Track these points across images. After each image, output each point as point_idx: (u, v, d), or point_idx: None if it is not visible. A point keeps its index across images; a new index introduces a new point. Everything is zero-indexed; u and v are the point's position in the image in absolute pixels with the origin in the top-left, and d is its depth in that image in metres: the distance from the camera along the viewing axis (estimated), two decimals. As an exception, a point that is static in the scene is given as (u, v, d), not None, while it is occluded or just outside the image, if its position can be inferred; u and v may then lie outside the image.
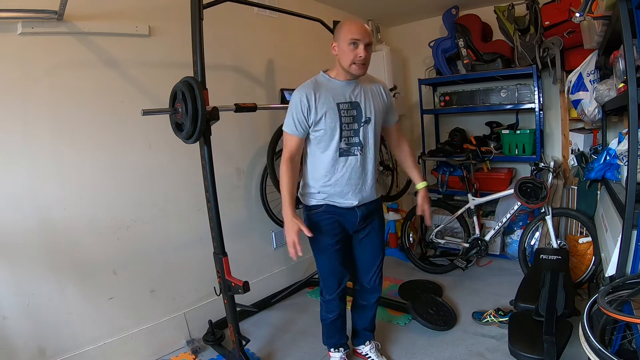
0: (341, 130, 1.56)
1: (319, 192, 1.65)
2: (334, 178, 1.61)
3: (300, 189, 1.71)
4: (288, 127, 1.59)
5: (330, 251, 1.69)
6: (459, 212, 2.89)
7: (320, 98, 1.55)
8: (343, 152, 1.59)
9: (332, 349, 1.90)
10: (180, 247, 2.19)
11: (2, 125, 1.63)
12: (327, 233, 1.66)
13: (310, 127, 1.57)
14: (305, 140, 1.63)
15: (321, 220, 1.66)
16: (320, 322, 1.88)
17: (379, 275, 1.82)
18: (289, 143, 1.60)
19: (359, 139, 1.60)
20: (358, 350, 1.96)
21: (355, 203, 1.63)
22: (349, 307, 1.90)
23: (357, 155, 1.60)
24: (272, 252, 2.75)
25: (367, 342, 1.93)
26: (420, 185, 1.84)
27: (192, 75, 1.64)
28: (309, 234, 1.56)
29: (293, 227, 1.53)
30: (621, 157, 1.97)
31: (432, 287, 2.69)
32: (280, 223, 2.62)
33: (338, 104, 1.56)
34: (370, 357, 1.91)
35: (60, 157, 1.78)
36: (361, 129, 1.59)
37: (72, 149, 1.81)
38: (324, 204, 1.65)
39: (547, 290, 1.89)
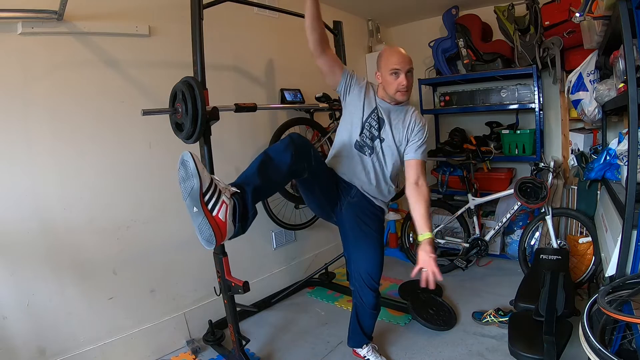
0: (362, 126, 1.72)
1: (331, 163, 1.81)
2: (343, 163, 1.75)
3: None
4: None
5: (323, 168, 1.67)
6: (459, 212, 2.90)
7: (360, 94, 1.74)
8: (357, 145, 1.73)
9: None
10: (180, 247, 2.19)
11: (2, 125, 1.63)
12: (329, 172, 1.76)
13: (344, 89, 1.74)
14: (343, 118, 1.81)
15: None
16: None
17: (365, 280, 1.74)
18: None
19: (374, 144, 1.73)
20: (357, 351, 1.96)
21: (351, 182, 1.74)
22: (344, 306, 1.89)
23: (366, 156, 1.73)
24: (272, 252, 2.75)
25: (364, 345, 1.92)
26: (423, 236, 1.52)
27: (192, 75, 1.64)
28: None
29: None
30: (621, 157, 1.97)
31: (432, 287, 2.69)
32: (280, 223, 2.63)
33: (375, 108, 1.73)
34: (368, 358, 1.91)
35: (60, 157, 1.78)
36: (377, 139, 1.73)
37: (72, 149, 1.81)
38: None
39: (547, 290, 1.89)
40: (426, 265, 1.45)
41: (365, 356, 1.92)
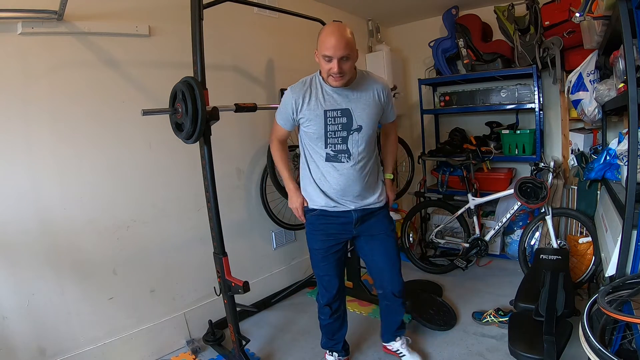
0: (326, 137, 1.57)
1: (313, 197, 1.67)
2: (325, 183, 1.62)
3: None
4: (278, 118, 1.70)
5: (319, 256, 1.72)
6: (459, 212, 2.89)
7: (308, 103, 1.56)
8: (330, 158, 1.59)
9: (327, 351, 1.92)
10: (180, 247, 2.19)
11: (2, 125, 1.63)
12: (317, 237, 1.70)
13: (298, 124, 1.64)
14: (300, 141, 1.68)
15: (314, 224, 1.70)
16: None
17: (394, 280, 1.74)
18: (277, 130, 1.73)
19: (347, 146, 1.57)
20: (388, 347, 1.94)
21: (349, 208, 1.65)
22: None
23: (344, 162, 1.59)
24: (272, 252, 2.75)
25: (398, 338, 1.90)
26: (387, 175, 1.80)
27: (192, 75, 1.64)
28: (303, 218, 1.73)
29: (298, 197, 1.70)
30: (621, 157, 1.97)
31: (432, 287, 2.69)
32: (280, 223, 2.63)
33: (326, 112, 1.55)
34: (401, 352, 1.89)
35: (60, 157, 1.78)
36: (350, 137, 1.56)
37: (72, 149, 1.81)
38: (317, 209, 1.68)
39: (547, 290, 1.89)
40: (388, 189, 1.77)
41: (398, 350, 1.90)
